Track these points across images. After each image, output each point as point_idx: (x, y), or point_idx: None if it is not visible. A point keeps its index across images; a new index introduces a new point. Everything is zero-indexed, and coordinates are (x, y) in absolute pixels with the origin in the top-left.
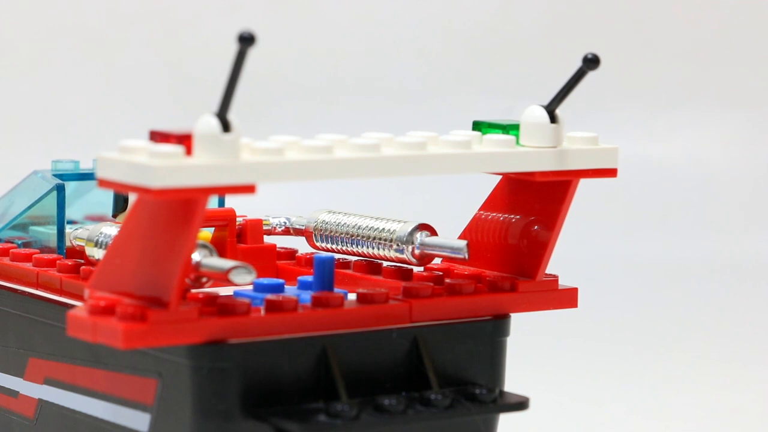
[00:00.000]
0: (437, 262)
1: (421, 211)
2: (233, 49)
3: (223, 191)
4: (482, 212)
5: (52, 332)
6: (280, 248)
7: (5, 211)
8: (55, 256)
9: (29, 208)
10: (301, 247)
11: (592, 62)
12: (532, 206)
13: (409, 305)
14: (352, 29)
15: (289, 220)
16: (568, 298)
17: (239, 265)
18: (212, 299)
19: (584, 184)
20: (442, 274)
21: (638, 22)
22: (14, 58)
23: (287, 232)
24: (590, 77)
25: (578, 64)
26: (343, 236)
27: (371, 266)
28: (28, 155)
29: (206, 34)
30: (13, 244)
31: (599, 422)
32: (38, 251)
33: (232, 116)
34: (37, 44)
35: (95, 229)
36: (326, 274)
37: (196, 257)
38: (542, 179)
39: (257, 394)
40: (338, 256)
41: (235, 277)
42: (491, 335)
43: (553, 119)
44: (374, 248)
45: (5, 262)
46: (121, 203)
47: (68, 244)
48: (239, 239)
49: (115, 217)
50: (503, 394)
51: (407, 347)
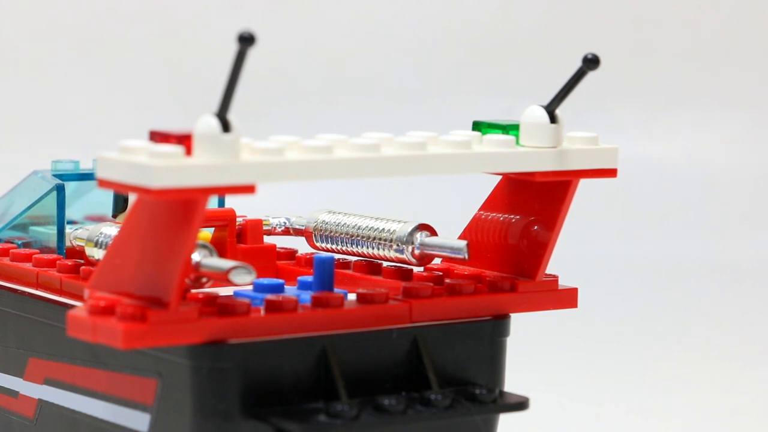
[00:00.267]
0: (437, 262)
1: (421, 211)
2: (233, 49)
3: (223, 191)
4: (482, 212)
5: (52, 332)
6: (280, 248)
7: (5, 211)
8: (55, 256)
9: (29, 208)
10: (301, 247)
11: (592, 62)
12: (532, 206)
13: (409, 305)
14: (352, 29)
15: (289, 220)
16: (568, 298)
17: (239, 265)
18: (212, 299)
19: (584, 184)
20: (442, 274)
21: (638, 22)
22: (14, 58)
23: (287, 232)
24: (590, 77)
25: (578, 64)
26: (343, 236)
27: (371, 266)
28: (28, 155)
29: (206, 34)
30: (13, 244)
31: (599, 422)
32: (38, 251)
33: (232, 116)
34: (37, 44)
35: (95, 229)
36: (326, 274)
37: (196, 257)
38: (542, 179)
39: (257, 394)
40: (338, 256)
41: (235, 277)
42: (491, 335)
43: (553, 119)
44: (374, 248)
45: (5, 262)
46: (121, 203)
47: (68, 244)
48: (239, 239)
49: (115, 217)
50: (503, 394)
51: (407, 347)
